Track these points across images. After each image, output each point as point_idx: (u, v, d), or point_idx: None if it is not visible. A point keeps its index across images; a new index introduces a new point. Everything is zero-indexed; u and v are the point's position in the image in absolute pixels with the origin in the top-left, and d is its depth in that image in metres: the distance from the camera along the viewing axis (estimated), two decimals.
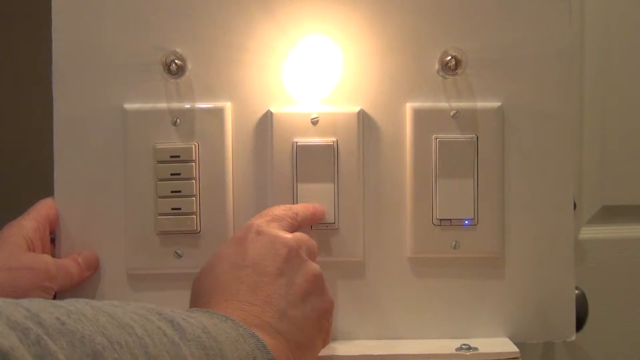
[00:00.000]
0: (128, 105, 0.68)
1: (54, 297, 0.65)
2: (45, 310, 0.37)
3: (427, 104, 0.68)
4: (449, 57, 0.66)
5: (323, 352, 0.61)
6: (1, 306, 0.35)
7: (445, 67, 0.66)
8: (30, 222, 0.65)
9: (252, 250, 0.56)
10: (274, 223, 0.60)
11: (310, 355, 0.57)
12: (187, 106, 0.68)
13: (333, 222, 0.67)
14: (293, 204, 0.67)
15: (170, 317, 0.44)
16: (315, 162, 0.67)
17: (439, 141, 0.67)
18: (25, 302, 0.37)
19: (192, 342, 0.43)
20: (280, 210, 0.62)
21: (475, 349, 0.64)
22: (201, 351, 0.43)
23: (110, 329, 0.38)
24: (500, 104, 0.68)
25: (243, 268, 0.55)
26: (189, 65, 0.67)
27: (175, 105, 0.68)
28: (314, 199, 0.67)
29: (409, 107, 0.68)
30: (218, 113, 0.68)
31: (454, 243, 0.68)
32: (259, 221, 0.59)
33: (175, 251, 0.68)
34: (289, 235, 0.58)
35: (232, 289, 0.54)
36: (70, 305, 0.39)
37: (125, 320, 0.40)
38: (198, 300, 0.56)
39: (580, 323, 0.80)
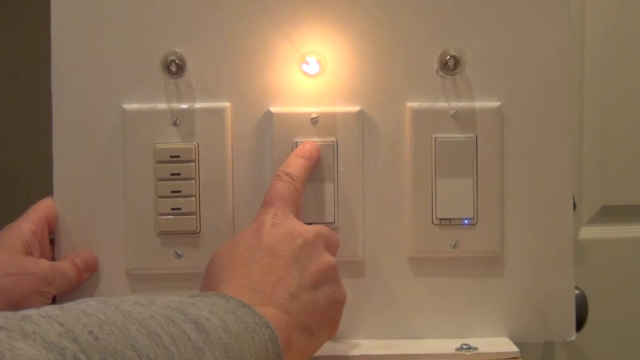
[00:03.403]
0: (128, 105, 0.68)
1: (53, 301, 0.65)
2: (78, 322, 0.38)
3: (426, 104, 0.68)
4: (448, 57, 0.66)
5: (322, 352, 0.61)
6: (36, 322, 0.36)
7: (444, 67, 0.66)
8: (28, 225, 0.65)
9: (268, 236, 0.58)
10: (286, 211, 0.60)
11: (315, 341, 0.58)
12: (187, 106, 0.68)
13: (333, 221, 0.67)
14: None
15: (195, 318, 0.46)
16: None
17: (439, 141, 0.67)
18: (58, 313, 0.38)
19: (215, 345, 0.45)
20: (282, 185, 0.62)
21: (475, 348, 0.64)
22: (223, 354, 0.45)
23: (140, 339, 0.40)
24: (499, 103, 0.68)
25: (259, 250, 0.57)
26: (189, 65, 0.67)
27: (175, 105, 0.68)
28: (314, 198, 0.67)
29: (409, 106, 0.68)
30: (218, 113, 0.68)
31: (453, 242, 0.68)
32: (273, 210, 0.60)
33: (175, 251, 0.68)
34: (305, 227, 0.59)
35: (246, 269, 0.56)
36: (101, 313, 0.40)
37: (153, 327, 0.42)
38: (211, 278, 0.58)
39: (580, 323, 0.80)
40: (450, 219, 0.68)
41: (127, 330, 0.40)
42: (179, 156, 0.67)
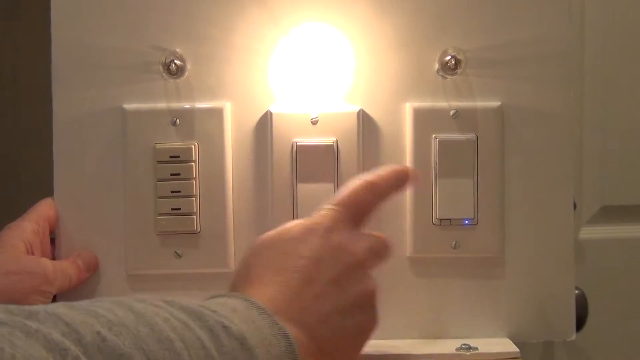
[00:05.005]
0: (127, 105, 0.68)
1: (54, 300, 0.65)
2: (86, 323, 0.37)
3: (427, 104, 0.68)
4: (449, 57, 0.66)
5: None
6: (41, 320, 0.35)
7: (444, 67, 0.66)
8: (29, 224, 0.65)
9: (318, 244, 0.53)
10: (348, 219, 0.55)
11: None
12: (187, 106, 0.68)
13: None
14: (293, 204, 0.67)
15: (211, 325, 0.44)
16: (315, 162, 0.67)
17: (439, 141, 0.67)
18: (65, 312, 0.37)
19: (228, 355, 0.43)
20: (359, 190, 0.56)
21: (476, 348, 0.64)
22: None
23: (149, 343, 0.39)
24: (500, 103, 0.68)
25: (304, 258, 0.52)
26: (189, 65, 0.67)
27: (175, 105, 0.68)
28: (314, 198, 0.67)
29: (409, 106, 0.68)
30: (218, 113, 0.68)
31: (454, 243, 0.68)
32: (336, 215, 0.55)
33: (175, 251, 0.68)
34: (359, 244, 0.54)
35: (286, 276, 0.52)
36: (112, 314, 0.39)
37: (165, 331, 0.40)
38: (249, 269, 0.54)
39: (580, 323, 0.80)
40: (450, 219, 0.67)
41: (137, 332, 0.39)
42: (178, 156, 0.67)
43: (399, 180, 0.59)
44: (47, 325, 0.35)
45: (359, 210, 0.56)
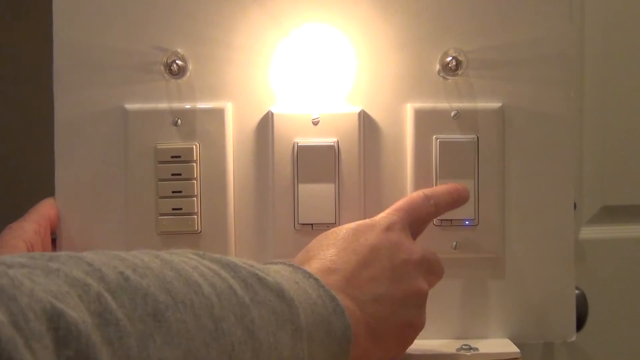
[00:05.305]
0: (129, 106, 0.68)
1: None
2: (108, 264, 0.36)
3: (427, 105, 0.68)
4: (450, 58, 0.66)
5: None
6: (63, 262, 0.34)
7: (446, 68, 0.66)
8: (31, 224, 0.65)
9: (376, 237, 0.56)
10: (406, 225, 0.59)
11: (379, 353, 0.54)
12: (188, 106, 0.68)
13: (334, 222, 0.67)
14: (294, 204, 0.67)
15: (245, 276, 0.43)
16: (316, 162, 0.67)
17: (440, 142, 0.68)
18: (89, 255, 0.36)
19: (263, 305, 0.42)
20: (420, 202, 0.60)
21: (476, 349, 0.65)
22: (271, 315, 0.42)
23: (176, 285, 0.37)
24: (500, 104, 0.68)
25: (362, 245, 0.55)
26: (190, 66, 0.67)
27: (176, 105, 0.68)
28: (315, 199, 0.67)
29: (410, 107, 0.68)
30: (219, 113, 0.68)
31: (454, 243, 0.68)
32: (395, 219, 0.58)
33: None
34: (415, 247, 0.57)
35: (343, 254, 0.54)
36: (137, 258, 0.38)
37: (193, 276, 0.39)
38: (308, 252, 0.56)
39: (580, 323, 0.80)
40: (451, 220, 0.68)
41: (162, 275, 0.37)
42: (180, 156, 0.67)
43: (453, 197, 0.63)
44: (69, 265, 0.34)
45: (416, 218, 0.60)
